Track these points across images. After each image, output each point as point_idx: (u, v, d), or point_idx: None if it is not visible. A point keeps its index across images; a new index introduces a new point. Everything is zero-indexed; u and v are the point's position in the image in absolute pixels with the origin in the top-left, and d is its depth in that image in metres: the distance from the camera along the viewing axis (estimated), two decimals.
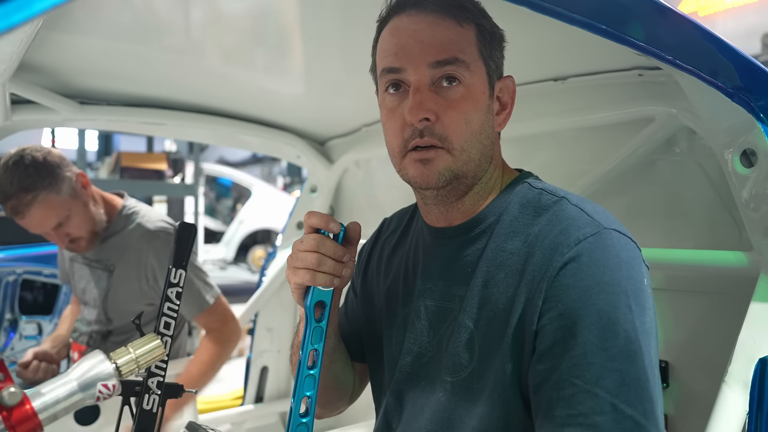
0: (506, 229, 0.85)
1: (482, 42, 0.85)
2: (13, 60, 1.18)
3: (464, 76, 0.82)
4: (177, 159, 5.63)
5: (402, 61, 0.83)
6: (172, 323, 1.05)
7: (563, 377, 0.71)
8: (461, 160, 0.83)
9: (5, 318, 3.34)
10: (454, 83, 0.82)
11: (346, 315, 1.11)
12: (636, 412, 0.68)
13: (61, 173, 1.71)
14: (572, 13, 0.76)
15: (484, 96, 0.85)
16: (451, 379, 0.85)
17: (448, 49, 0.81)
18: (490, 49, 0.86)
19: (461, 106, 0.82)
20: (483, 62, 0.85)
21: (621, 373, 0.69)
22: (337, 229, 0.86)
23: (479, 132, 0.84)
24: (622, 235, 0.78)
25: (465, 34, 0.83)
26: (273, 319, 2.44)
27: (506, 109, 0.90)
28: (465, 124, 0.82)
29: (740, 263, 1.09)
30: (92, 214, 1.80)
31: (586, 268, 0.74)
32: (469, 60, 0.83)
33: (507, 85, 0.90)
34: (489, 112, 0.87)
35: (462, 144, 0.83)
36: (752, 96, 0.95)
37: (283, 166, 15.87)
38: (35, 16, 0.43)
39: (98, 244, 1.88)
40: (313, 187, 2.36)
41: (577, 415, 0.70)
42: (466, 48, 0.83)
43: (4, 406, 0.64)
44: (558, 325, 0.73)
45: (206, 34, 1.39)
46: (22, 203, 1.63)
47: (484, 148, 0.86)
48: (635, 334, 0.71)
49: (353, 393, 1.11)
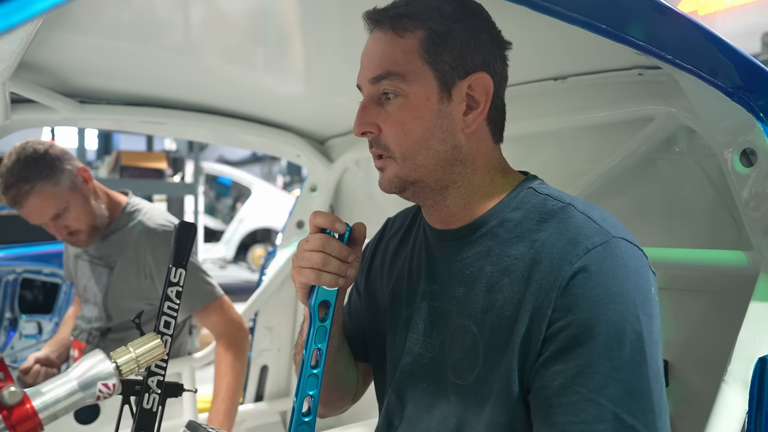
0: (510, 233, 0.84)
1: (428, 46, 0.83)
2: (13, 59, 1.18)
3: (400, 87, 0.84)
4: (177, 158, 5.64)
5: (359, 79, 0.90)
6: (172, 322, 1.05)
7: (567, 384, 0.72)
8: (407, 168, 0.86)
9: (5, 317, 3.34)
10: (391, 96, 0.85)
11: (349, 314, 1.11)
12: (638, 422, 0.69)
13: (61, 165, 1.75)
14: (572, 12, 0.76)
15: (428, 103, 0.84)
16: (460, 382, 0.85)
17: (382, 63, 0.85)
18: (440, 51, 0.84)
19: (397, 116, 0.85)
20: (430, 67, 0.84)
21: (625, 383, 0.70)
22: (342, 230, 0.86)
23: (424, 139, 0.85)
24: (629, 244, 0.78)
25: (403, 45, 0.84)
26: (273, 318, 2.44)
27: (478, 108, 0.86)
28: (403, 134, 0.85)
29: (740, 262, 1.09)
30: (92, 208, 1.82)
31: (596, 278, 0.74)
32: (405, 70, 0.84)
33: (479, 83, 0.85)
34: (440, 116, 0.85)
35: (403, 152, 0.86)
36: (752, 95, 0.95)
37: (282, 165, 15.87)
38: (35, 16, 0.43)
39: (100, 241, 1.89)
40: (313, 186, 2.36)
41: (578, 422, 0.70)
42: (400, 59, 0.84)
43: (5, 405, 0.64)
44: (567, 334, 0.73)
45: (206, 33, 1.39)
46: (20, 193, 1.68)
47: (438, 153, 0.85)
48: (641, 344, 0.71)
49: (356, 392, 1.11)
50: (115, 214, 1.91)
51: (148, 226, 1.86)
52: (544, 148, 1.59)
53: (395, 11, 0.85)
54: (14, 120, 1.63)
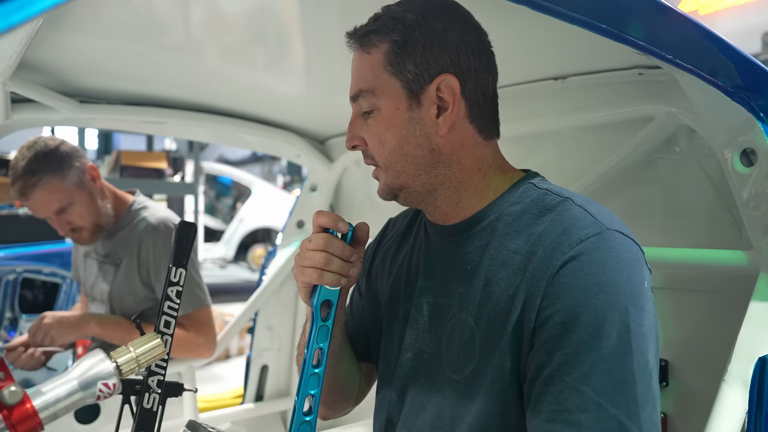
0: (509, 228, 0.85)
1: (391, 58, 0.86)
2: (13, 59, 1.18)
3: (371, 102, 0.88)
4: (177, 157, 5.64)
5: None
6: (172, 322, 1.05)
7: (554, 373, 0.72)
8: (391, 175, 0.90)
9: (5, 317, 3.34)
10: (367, 111, 0.89)
11: (351, 315, 1.12)
12: (620, 412, 0.69)
13: (70, 162, 1.79)
14: (572, 12, 0.76)
15: (398, 112, 0.87)
16: (456, 376, 0.85)
17: (356, 82, 0.91)
18: (402, 60, 0.85)
19: (373, 129, 0.89)
20: (395, 78, 0.86)
21: (609, 373, 0.70)
22: (345, 229, 0.87)
23: (399, 146, 0.88)
24: (624, 237, 0.78)
25: (369, 61, 0.88)
26: (273, 317, 2.44)
27: (448, 109, 0.86)
28: (380, 144, 0.89)
29: (740, 262, 1.09)
30: (97, 206, 1.85)
31: (586, 267, 0.74)
32: (373, 85, 0.87)
33: (445, 84, 0.85)
34: (412, 123, 0.87)
35: (385, 161, 0.90)
36: (752, 95, 0.95)
37: (283, 164, 15.85)
38: (35, 16, 0.43)
39: (107, 239, 1.91)
40: (313, 185, 2.36)
41: (561, 411, 0.71)
42: (368, 75, 0.88)
43: (5, 404, 0.64)
44: (555, 322, 0.74)
45: (206, 33, 1.39)
46: (27, 185, 1.73)
47: (416, 158, 0.88)
48: (628, 335, 0.71)
49: (359, 393, 1.12)
50: (121, 213, 1.94)
51: (150, 222, 1.88)
52: (544, 147, 1.59)
53: (365, 29, 0.89)
54: (14, 119, 1.63)
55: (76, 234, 1.84)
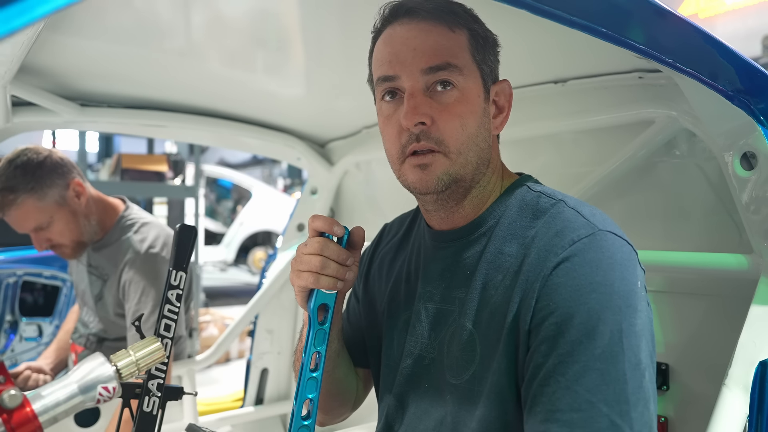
0: (505, 231, 0.85)
1: (475, 47, 0.85)
2: (15, 62, 1.18)
3: (458, 80, 0.83)
4: (177, 161, 5.63)
5: (396, 69, 0.84)
6: (172, 326, 1.05)
7: (549, 374, 0.72)
8: (458, 164, 0.84)
9: (5, 320, 3.34)
10: (448, 87, 0.83)
11: (348, 320, 1.11)
12: (612, 411, 0.69)
13: (51, 179, 1.72)
14: (572, 16, 0.76)
15: (479, 99, 0.86)
16: (456, 381, 0.85)
17: (441, 54, 0.82)
18: (483, 53, 0.87)
19: (456, 109, 0.83)
20: (477, 66, 0.86)
21: (602, 372, 0.70)
22: (341, 233, 0.86)
23: (475, 135, 0.85)
24: (617, 237, 0.78)
25: (457, 40, 0.84)
26: (273, 321, 2.44)
27: (503, 113, 0.90)
28: (461, 127, 0.83)
29: (740, 266, 1.09)
30: (79, 224, 1.80)
31: (579, 268, 0.75)
32: (462, 64, 0.84)
33: (503, 89, 0.90)
34: (485, 115, 0.87)
35: (458, 147, 0.83)
36: (752, 99, 0.96)
37: (283, 167, 15.85)
38: (37, 20, 0.43)
39: (95, 252, 1.88)
40: (314, 189, 2.36)
41: (555, 410, 0.71)
42: (458, 53, 0.84)
43: (5, 408, 0.64)
44: (550, 323, 0.74)
45: (207, 37, 1.39)
46: (4, 202, 1.68)
47: (481, 151, 0.86)
48: (620, 335, 0.71)
49: (357, 399, 1.11)
50: (110, 225, 1.88)
51: (134, 247, 1.81)
52: (544, 151, 1.59)
53: (435, 4, 0.84)
54: (15, 123, 1.63)
55: (57, 250, 1.81)
